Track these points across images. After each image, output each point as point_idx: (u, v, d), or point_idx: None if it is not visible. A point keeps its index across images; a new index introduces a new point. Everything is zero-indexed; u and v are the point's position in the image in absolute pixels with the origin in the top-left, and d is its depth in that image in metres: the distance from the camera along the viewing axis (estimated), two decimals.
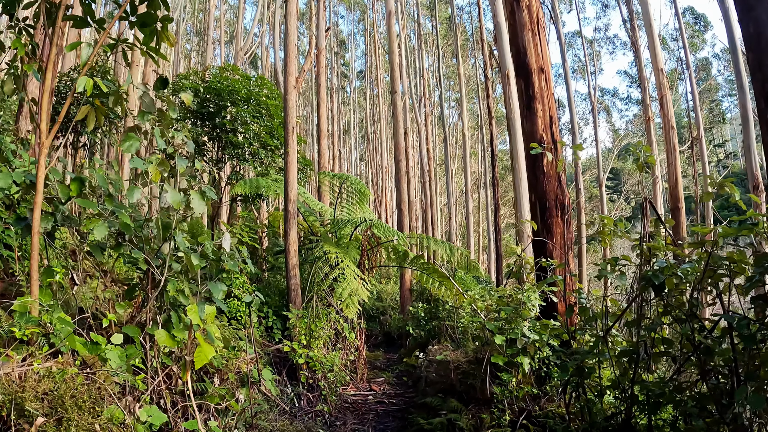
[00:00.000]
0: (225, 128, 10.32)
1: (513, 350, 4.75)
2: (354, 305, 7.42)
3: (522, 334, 4.80)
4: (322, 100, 15.00)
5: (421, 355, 10.02)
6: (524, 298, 5.10)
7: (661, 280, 3.29)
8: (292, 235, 8.05)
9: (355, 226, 8.41)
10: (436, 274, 10.12)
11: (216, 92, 10.67)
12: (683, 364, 3.82)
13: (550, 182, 6.32)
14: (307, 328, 6.62)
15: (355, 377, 8.45)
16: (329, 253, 7.75)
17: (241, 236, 8.03)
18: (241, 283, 7.92)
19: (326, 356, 6.81)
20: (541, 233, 6.22)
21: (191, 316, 2.39)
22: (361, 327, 8.62)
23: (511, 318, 5.03)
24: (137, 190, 2.71)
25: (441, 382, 5.46)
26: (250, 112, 10.68)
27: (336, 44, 32.59)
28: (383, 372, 10.18)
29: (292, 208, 8.11)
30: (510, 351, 4.77)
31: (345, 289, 7.43)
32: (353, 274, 7.74)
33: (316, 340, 6.58)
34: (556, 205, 6.27)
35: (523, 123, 6.69)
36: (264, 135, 10.73)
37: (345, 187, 9.04)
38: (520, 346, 4.71)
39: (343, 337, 8.16)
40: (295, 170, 8.28)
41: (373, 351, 13.41)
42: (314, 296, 7.05)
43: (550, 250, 6.16)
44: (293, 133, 8.46)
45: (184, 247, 3.04)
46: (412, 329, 12.00)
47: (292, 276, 7.92)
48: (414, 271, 12.97)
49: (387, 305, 17.35)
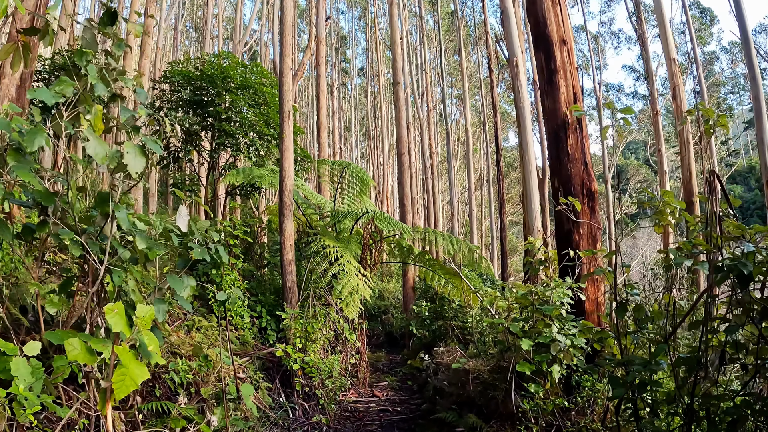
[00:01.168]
0: (219, 116, 9.54)
1: (543, 357, 3.98)
2: (355, 304, 6.65)
3: (553, 338, 4.02)
4: (321, 92, 14.23)
5: (426, 356, 9.26)
6: (554, 295, 4.32)
7: (750, 270, 2.52)
8: (288, 227, 7.28)
9: (356, 219, 7.63)
10: (442, 270, 9.34)
11: (209, 79, 9.89)
12: (759, 373, 3.06)
13: (576, 165, 5.55)
14: (303, 329, 5.84)
15: (357, 382, 7.68)
16: (328, 248, 6.98)
17: (231, 229, 7.26)
18: (232, 280, 7.14)
19: (324, 360, 6.04)
20: (565, 222, 5.45)
21: (110, 320, 1.65)
22: (363, 327, 7.85)
23: (538, 319, 4.26)
24: (39, 134, 1.92)
25: (456, 394, 4.68)
26: (246, 99, 9.91)
27: (337, 40, 31.80)
28: (386, 375, 9.41)
29: (287, 198, 7.34)
30: (538, 358, 3.99)
31: (345, 287, 6.65)
32: (354, 270, 6.97)
33: (312, 343, 5.81)
34: (582, 191, 5.49)
35: (543, 101, 5.91)
36: (260, 124, 9.95)
37: (345, 175, 8.24)
38: (555, 352, 3.93)
39: (343, 338, 7.39)
40: (291, 158, 7.51)
41: (375, 352, 12.65)
42: (311, 294, 6.28)
43: (576, 241, 5.39)
44: (289, 117, 7.69)
45: (127, 225, 2.28)
46: (415, 329, 11.26)
47: (287, 272, 7.14)
48: (418, 268, 12.22)
49: (389, 304, 16.60)
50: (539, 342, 4.02)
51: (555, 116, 5.69)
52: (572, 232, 5.40)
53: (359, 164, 35.30)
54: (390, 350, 13.39)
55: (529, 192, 10.69)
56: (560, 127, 5.64)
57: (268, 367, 5.97)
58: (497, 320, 4.42)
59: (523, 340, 3.96)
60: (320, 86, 14.25)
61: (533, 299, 4.43)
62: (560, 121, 5.65)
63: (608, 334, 3.55)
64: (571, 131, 5.62)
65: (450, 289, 9.65)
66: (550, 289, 4.36)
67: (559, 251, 5.51)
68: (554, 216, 5.60)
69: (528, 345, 3.94)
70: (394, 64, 14.62)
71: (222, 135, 9.55)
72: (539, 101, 21.73)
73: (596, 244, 5.49)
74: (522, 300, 4.47)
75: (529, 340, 3.97)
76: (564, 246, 5.39)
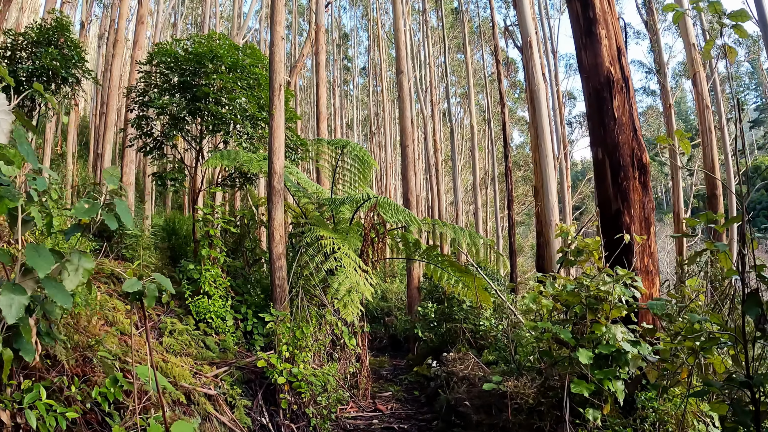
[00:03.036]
0: (207, 98, 8.47)
1: (607, 373, 2.85)
2: (354, 305, 5.53)
3: (618, 347, 2.90)
4: (321, 80, 13.16)
5: (435, 363, 8.12)
6: (615, 291, 3.19)
7: None
8: (278, 216, 6.18)
9: (356, 207, 6.51)
10: (453, 268, 8.22)
11: (197, 59, 8.81)
12: None
13: (624, 131, 4.43)
14: (291, 335, 4.72)
15: (357, 393, 6.55)
16: (323, 239, 5.87)
17: (211, 217, 6.17)
18: (213, 276, 6.04)
19: (317, 372, 4.91)
20: (613, 201, 4.33)
21: None
22: (364, 331, 6.73)
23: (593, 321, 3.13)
24: None
25: (488, 424, 3.52)
26: (237, 80, 8.83)
27: (338, 37, 30.77)
28: (390, 384, 8.27)
29: (277, 183, 6.24)
30: (600, 374, 2.87)
31: (342, 284, 5.54)
32: (354, 265, 5.86)
33: (302, 352, 4.68)
34: (633, 162, 4.37)
35: (581, 56, 4.79)
36: (252, 107, 8.87)
37: (345, 157, 7.10)
38: (622, 365, 2.80)
39: (341, 344, 6.28)
40: (281, 137, 6.42)
41: (378, 357, 11.52)
42: (300, 293, 5.17)
43: (627, 224, 4.27)
44: (280, 92, 6.61)
45: None
46: (421, 332, 10.15)
47: (277, 268, 6.04)
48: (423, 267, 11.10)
49: (392, 305, 15.45)
50: (602, 352, 2.90)
51: (596, 73, 4.58)
52: (622, 213, 4.28)
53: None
54: (394, 354, 12.27)
55: (545, 181, 9.57)
56: (603, 86, 4.54)
57: (249, 379, 4.85)
58: (544, 324, 3.29)
59: (579, 350, 2.84)
60: (320, 74, 13.18)
61: (584, 296, 3.30)
62: (603, 78, 4.54)
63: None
64: (616, 91, 4.51)
65: (461, 289, 8.52)
66: (609, 281, 3.23)
67: (604, 237, 4.38)
68: (597, 195, 4.49)
69: (588, 357, 2.82)
70: (397, 53, 13.55)
71: (210, 118, 8.47)
72: (577, 57, 20.54)
73: (650, 228, 4.36)
74: (570, 297, 3.35)
75: (587, 351, 2.85)
76: (611, 230, 4.27)
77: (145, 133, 8.90)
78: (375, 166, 7.01)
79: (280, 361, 4.47)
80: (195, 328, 5.80)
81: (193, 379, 4.24)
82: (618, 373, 2.89)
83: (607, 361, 3.01)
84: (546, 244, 9.49)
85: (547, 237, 9.50)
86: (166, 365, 4.02)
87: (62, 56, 7.94)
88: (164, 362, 4.12)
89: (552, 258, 9.28)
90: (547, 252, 9.57)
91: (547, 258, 9.61)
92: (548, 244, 9.40)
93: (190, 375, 4.04)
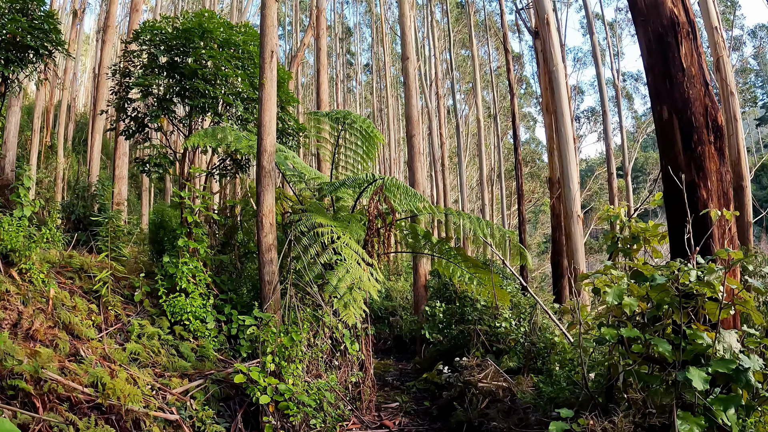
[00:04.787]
0: (195, 74, 7.54)
1: (728, 402, 1.89)
2: (357, 305, 4.57)
3: (738, 364, 1.93)
4: (322, 66, 12.23)
5: (446, 369, 7.15)
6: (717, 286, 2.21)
7: None
8: (268, 201, 5.23)
9: (360, 190, 5.54)
10: (466, 263, 7.26)
11: (185, 35, 7.88)
12: None
13: (695, 85, 3.46)
14: (277, 341, 3.75)
15: (360, 406, 5.58)
16: (321, 227, 4.91)
17: (189, 201, 5.23)
18: (191, 270, 5.09)
19: (312, 385, 3.95)
20: (685, 171, 3.35)
21: None
22: (368, 334, 5.77)
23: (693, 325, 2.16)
24: None
25: None
26: (227, 57, 7.91)
27: (341, 31, 29.84)
28: (396, 393, 7.30)
29: (267, 162, 5.29)
30: (718, 405, 1.90)
31: (343, 280, 4.58)
32: (356, 258, 4.90)
33: (292, 363, 3.73)
34: (707, 123, 3.40)
35: None
36: (244, 85, 7.95)
37: (347, 132, 6.07)
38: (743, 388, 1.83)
39: (342, 349, 5.33)
40: (272, 110, 5.47)
41: (382, 359, 10.54)
42: (289, 290, 4.22)
43: (704, 199, 3.30)
44: (272, 59, 5.66)
45: None
46: (428, 333, 9.18)
47: (266, 261, 5.09)
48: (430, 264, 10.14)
49: (397, 304, 14.45)
50: (719, 371, 1.93)
51: (657, 14, 3.61)
52: (697, 186, 3.30)
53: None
54: (399, 357, 11.29)
55: (566, 169, 8.60)
56: (667, 29, 3.57)
57: (228, 395, 3.90)
58: (629, 332, 2.30)
59: (690, 370, 1.87)
60: (321, 60, 12.24)
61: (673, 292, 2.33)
62: (666, 20, 3.57)
63: None
64: (682, 36, 3.54)
65: (475, 286, 7.56)
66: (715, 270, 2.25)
67: (671, 216, 3.42)
68: (663, 165, 3.51)
69: (703, 380, 1.85)
70: (403, 38, 12.60)
71: (197, 96, 7.54)
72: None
73: (729, 204, 3.39)
74: (656, 293, 2.37)
75: (700, 371, 1.89)
76: (683, 207, 3.30)
77: (128, 116, 7.99)
78: (381, 140, 6.03)
79: (263, 375, 3.52)
80: (169, 332, 4.86)
81: (152, 399, 3.29)
82: (739, 399, 1.94)
83: (717, 381, 2.06)
84: (567, 237, 8.50)
85: (569, 230, 8.51)
86: (112, 381, 3.07)
87: (32, 26, 7.05)
88: (111, 377, 3.16)
89: (575, 252, 8.30)
90: (568, 246, 8.59)
91: (567, 253, 8.63)
92: (570, 237, 8.41)
93: (141, 395, 3.08)
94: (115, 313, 5.17)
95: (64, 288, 5.47)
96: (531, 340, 6.58)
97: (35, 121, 13.69)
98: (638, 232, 3.77)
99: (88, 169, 12.89)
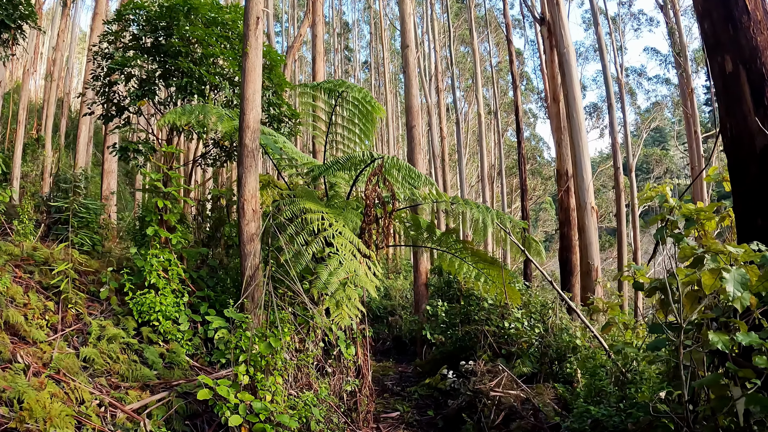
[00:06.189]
0: (179, 53, 6.83)
1: None
2: (351, 304, 3.86)
3: None
4: (318, 53, 11.52)
5: (451, 374, 6.45)
6: None
7: None
8: (250, 184, 4.51)
9: (357, 172, 4.82)
10: (473, 258, 6.56)
11: (170, 14, 7.18)
12: None
13: (762, 32, 2.76)
14: (251, 349, 3.03)
15: (356, 418, 4.86)
16: (311, 213, 4.20)
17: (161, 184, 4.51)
18: (162, 263, 4.36)
19: (298, 400, 3.23)
20: (756, 134, 2.65)
21: None
22: (365, 336, 5.05)
23: None
24: None
25: None
26: (214, 35, 7.21)
27: (339, 26, 29.13)
28: (397, 400, 6.58)
29: (250, 140, 4.57)
30: None
31: (335, 274, 3.87)
32: (351, 249, 4.18)
33: (270, 375, 3.01)
34: None
35: None
36: (232, 65, 7.24)
37: (342, 107, 5.32)
38: None
39: (336, 353, 4.62)
40: (257, 82, 4.75)
41: (381, 361, 9.81)
42: (268, 285, 3.51)
43: None
44: (257, 26, 4.94)
45: None
46: (429, 334, 8.51)
47: (247, 253, 4.36)
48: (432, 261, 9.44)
49: (396, 304, 13.72)
50: None
51: None
52: None
53: None
54: (399, 359, 10.58)
55: (579, 158, 7.89)
56: None
57: (196, 412, 3.18)
58: (719, 339, 1.64)
59: None
60: (317, 48, 11.54)
61: None
62: None
63: None
64: None
65: (482, 284, 6.85)
66: None
67: (738, 193, 2.71)
68: (728, 128, 2.80)
69: None
70: (402, 26, 11.89)
71: (181, 75, 6.82)
72: None
73: None
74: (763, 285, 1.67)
75: None
76: (757, 180, 2.59)
77: (109, 100, 7.28)
78: (382, 114, 5.29)
79: (234, 390, 2.80)
80: (135, 334, 4.13)
81: (91, 419, 2.57)
82: None
83: None
84: (581, 230, 7.79)
85: (581, 222, 7.80)
86: (37, 396, 2.35)
87: None
88: (37, 389, 2.44)
89: (588, 246, 7.59)
90: (581, 240, 7.87)
91: (581, 247, 7.91)
92: (583, 230, 7.70)
93: (73, 414, 2.36)
94: (75, 312, 4.45)
95: (20, 283, 4.76)
96: (546, 342, 5.88)
97: (20, 113, 12.95)
98: (691, 213, 3.06)
99: (74, 162, 12.18)
